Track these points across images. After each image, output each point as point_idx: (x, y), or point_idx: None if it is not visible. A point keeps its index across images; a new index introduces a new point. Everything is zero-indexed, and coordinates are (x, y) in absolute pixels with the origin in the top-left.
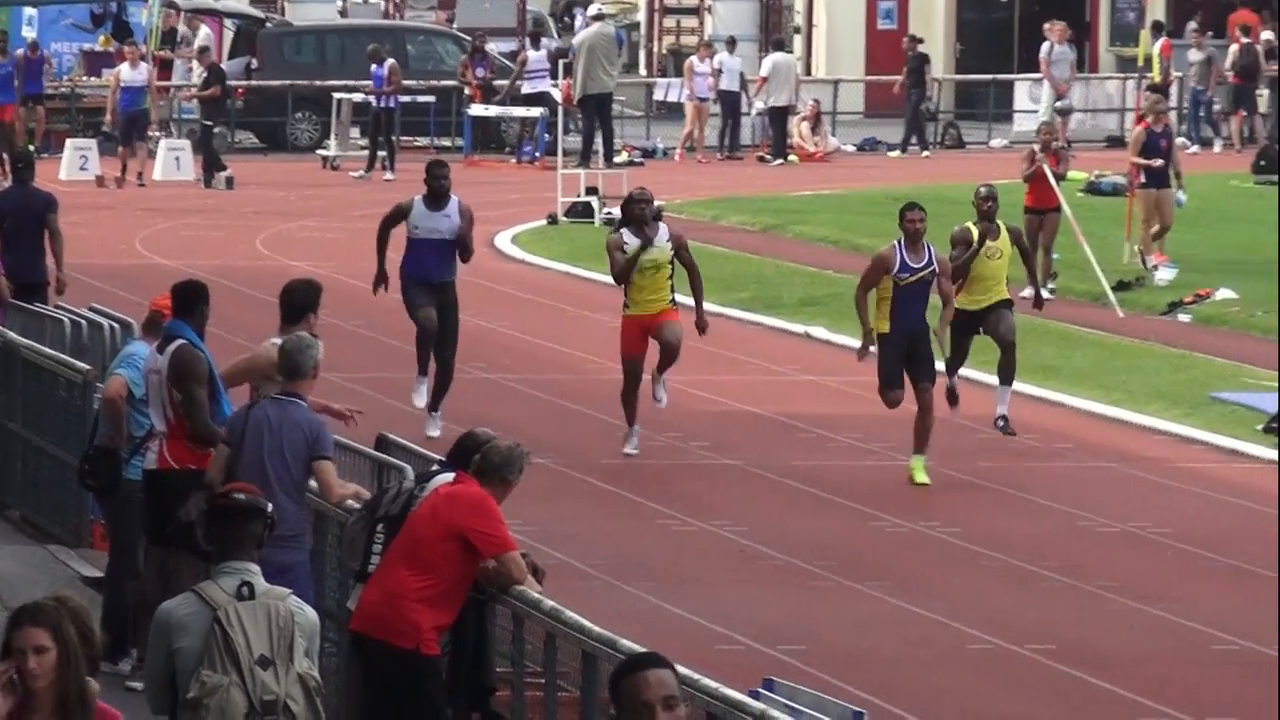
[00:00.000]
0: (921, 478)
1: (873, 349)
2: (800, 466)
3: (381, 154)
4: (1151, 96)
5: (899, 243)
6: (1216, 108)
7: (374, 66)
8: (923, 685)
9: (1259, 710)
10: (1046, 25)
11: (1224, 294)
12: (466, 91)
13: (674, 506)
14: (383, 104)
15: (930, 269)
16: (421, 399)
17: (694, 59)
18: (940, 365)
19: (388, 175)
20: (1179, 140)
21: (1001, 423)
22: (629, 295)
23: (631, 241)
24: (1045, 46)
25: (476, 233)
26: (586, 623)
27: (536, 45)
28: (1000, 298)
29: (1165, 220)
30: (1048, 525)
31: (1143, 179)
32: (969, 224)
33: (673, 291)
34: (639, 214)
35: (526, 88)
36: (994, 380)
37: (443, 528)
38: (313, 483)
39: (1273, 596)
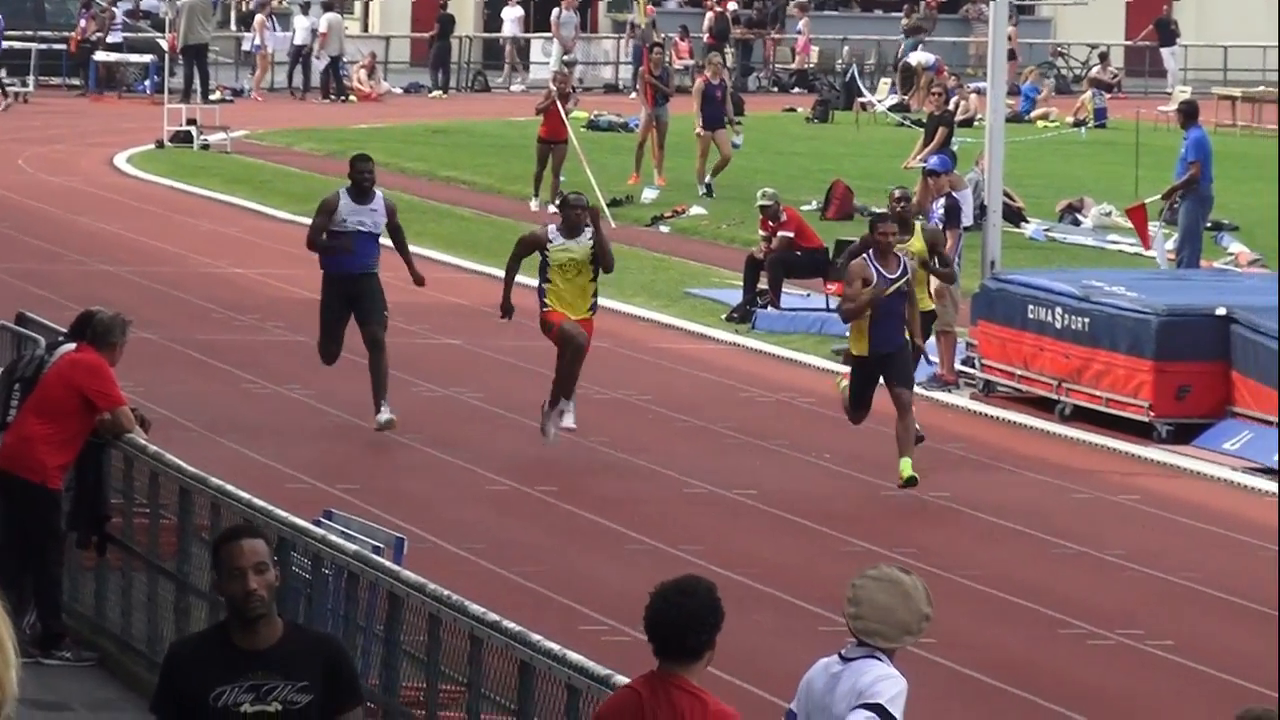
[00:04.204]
0: (908, 473)
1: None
2: (357, 343)
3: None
4: (711, 55)
5: (869, 255)
6: (693, 62)
7: None
8: (451, 518)
9: (718, 539)
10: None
11: (696, 211)
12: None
13: (256, 373)
14: None
15: (905, 278)
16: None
17: (260, 16)
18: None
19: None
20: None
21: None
22: (547, 296)
23: (556, 239)
24: (555, 11)
25: (103, 154)
26: (183, 464)
27: (114, 2)
28: (923, 306)
29: (724, 153)
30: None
31: (700, 123)
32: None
33: (595, 303)
34: (574, 219)
35: (112, 38)
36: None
37: (66, 387)
38: None
39: (723, 448)
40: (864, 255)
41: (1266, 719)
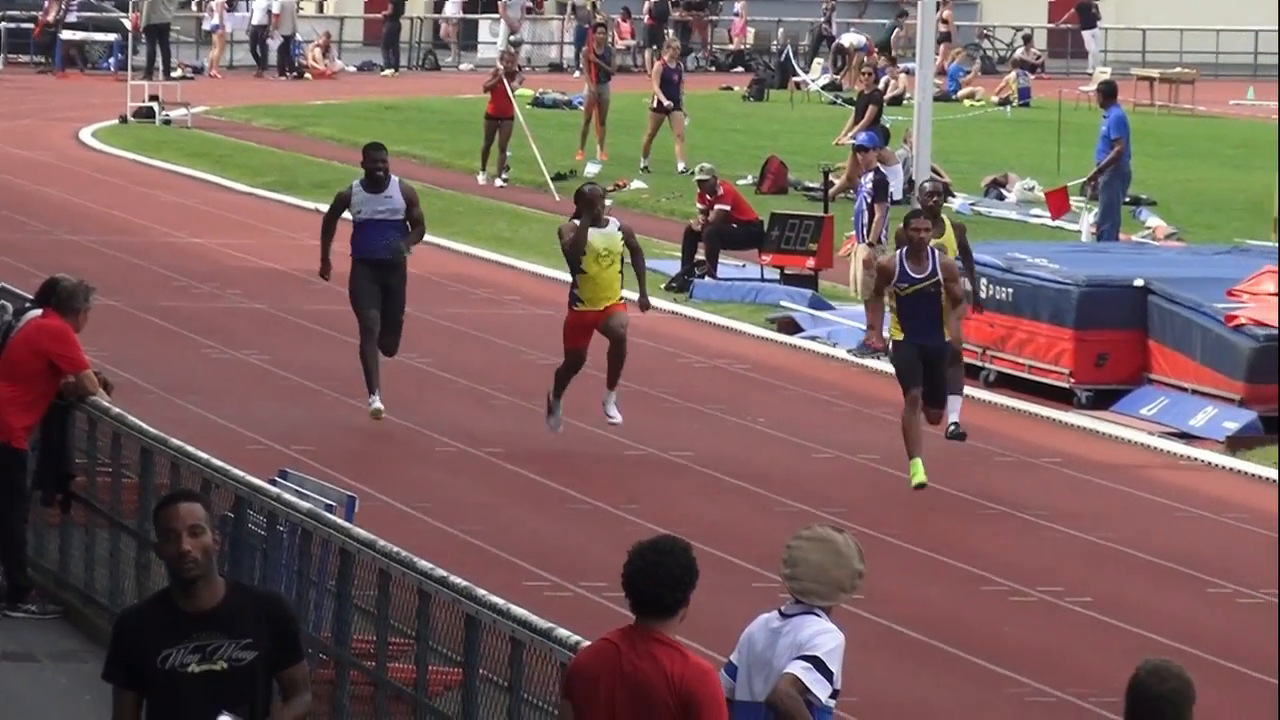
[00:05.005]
0: (919, 477)
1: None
2: (311, 310)
3: None
4: (670, 40)
5: (901, 252)
6: (635, 42)
7: None
8: (401, 478)
9: (656, 499)
10: None
11: (637, 184)
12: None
13: (214, 339)
14: None
15: (933, 279)
16: (376, 403)
17: None
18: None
19: None
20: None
21: (953, 428)
22: (580, 289)
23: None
24: None
25: (69, 129)
26: (144, 425)
27: None
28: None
29: (677, 131)
30: (499, 358)
31: (658, 102)
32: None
33: (622, 287)
34: (593, 206)
35: (71, 18)
36: None
37: (32, 351)
38: None
39: (672, 415)
40: (896, 251)
41: (1163, 669)
